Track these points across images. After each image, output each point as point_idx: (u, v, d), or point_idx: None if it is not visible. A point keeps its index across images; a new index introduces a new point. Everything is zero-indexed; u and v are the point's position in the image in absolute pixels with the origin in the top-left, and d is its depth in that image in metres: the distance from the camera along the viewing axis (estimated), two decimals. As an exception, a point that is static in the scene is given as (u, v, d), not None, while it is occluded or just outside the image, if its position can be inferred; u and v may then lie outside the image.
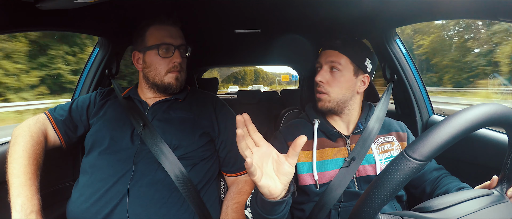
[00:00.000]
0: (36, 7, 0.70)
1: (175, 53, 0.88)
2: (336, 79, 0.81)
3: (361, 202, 0.42)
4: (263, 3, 1.08)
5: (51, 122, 0.86)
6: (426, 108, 1.11)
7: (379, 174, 0.41)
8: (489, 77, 7.70)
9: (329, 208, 0.73)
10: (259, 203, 0.59)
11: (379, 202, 0.40)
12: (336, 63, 0.80)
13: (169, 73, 0.88)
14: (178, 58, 0.88)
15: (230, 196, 0.87)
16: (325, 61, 0.82)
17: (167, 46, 0.88)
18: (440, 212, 0.44)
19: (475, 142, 0.87)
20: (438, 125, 0.40)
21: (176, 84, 0.89)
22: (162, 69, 0.88)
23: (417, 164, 0.38)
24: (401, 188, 0.39)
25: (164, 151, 0.79)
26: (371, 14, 1.07)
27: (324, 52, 0.84)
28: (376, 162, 0.78)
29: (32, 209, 0.67)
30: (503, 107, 0.42)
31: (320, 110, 0.84)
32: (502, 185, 0.52)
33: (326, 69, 0.82)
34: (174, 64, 0.88)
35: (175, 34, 0.90)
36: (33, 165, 0.73)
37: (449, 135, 0.39)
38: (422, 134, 0.40)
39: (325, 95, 0.81)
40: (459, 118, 0.40)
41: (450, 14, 0.84)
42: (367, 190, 0.42)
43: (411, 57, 1.14)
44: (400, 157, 0.40)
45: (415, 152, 0.39)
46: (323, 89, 0.81)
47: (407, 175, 0.39)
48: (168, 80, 0.88)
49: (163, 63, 0.88)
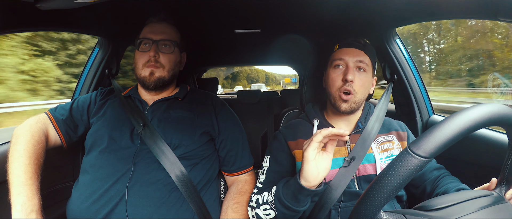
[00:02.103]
0: (36, 7, 0.70)
1: (152, 47, 0.88)
2: (362, 80, 0.79)
3: (363, 199, 0.42)
4: (263, 3, 1.08)
5: (52, 122, 0.86)
6: (426, 108, 1.11)
7: (383, 171, 0.41)
8: (489, 77, 7.65)
9: (329, 208, 0.73)
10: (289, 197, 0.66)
11: (382, 199, 0.40)
12: (363, 64, 0.79)
13: (145, 67, 0.88)
14: (152, 52, 0.87)
15: (230, 196, 0.87)
16: (351, 60, 0.78)
17: (146, 41, 0.89)
18: (441, 211, 0.45)
19: (475, 142, 0.87)
20: (442, 123, 0.40)
21: (150, 79, 0.88)
22: (139, 63, 0.89)
23: (421, 160, 0.38)
24: (404, 185, 0.39)
25: (164, 150, 0.79)
26: (371, 14, 1.07)
27: (347, 49, 0.80)
28: (376, 161, 0.78)
29: (32, 208, 0.67)
30: (505, 107, 0.42)
31: (343, 112, 0.79)
32: (501, 187, 0.52)
33: (353, 68, 0.78)
34: (149, 58, 0.87)
35: (158, 30, 0.90)
36: (34, 165, 0.73)
37: (453, 132, 0.39)
38: (426, 131, 0.40)
39: (351, 96, 0.77)
40: (462, 117, 0.40)
41: (450, 14, 0.84)
42: (369, 186, 0.42)
43: (411, 57, 1.14)
44: (404, 153, 0.40)
45: (419, 149, 0.39)
46: (351, 88, 0.77)
47: (411, 171, 0.39)
48: (143, 73, 0.88)
49: (141, 57, 0.89)
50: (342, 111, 0.79)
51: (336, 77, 0.80)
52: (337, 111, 0.81)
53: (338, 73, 0.80)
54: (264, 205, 0.72)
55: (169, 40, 0.90)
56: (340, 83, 0.79)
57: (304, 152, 0.63)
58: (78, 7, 0.73)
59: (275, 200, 0.68)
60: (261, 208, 0.73)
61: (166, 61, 0.90)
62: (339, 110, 0.80)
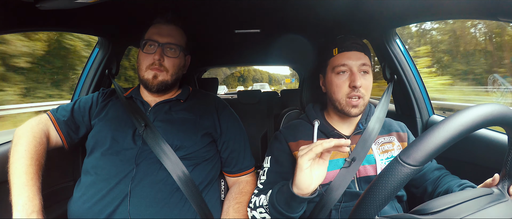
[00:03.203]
0: (36, 7, 0.70)
1: (157, 50, 0.86)
2: (368, 82, 0.77)
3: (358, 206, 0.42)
4: (263, 3, 1.08)
5: (53, 123, 0.86)
6: (426, 108, 1.11)
7: (374, 179, 0.41)
8: (489, 78, 7.60)
9: (330, 208, 0.73)
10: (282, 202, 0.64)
11: (375, 206, 0.40)
12: (366, 66, 0.77)
13: (149, 69, 0.87)
14: (157, 55, 0.86)
15: (232, 196, 0.87)
16: (355, 64, 0.76)
17: (152, 43, 0.87)
18: (439, 214, 0.44)
19: (475, 142, 0.87)
20: (433, 129, 0.39)
21: (153, 82, 0.87)
22: (143, 65, 0.88)
23: (411, 169, 0.38)
24: (397, 193, 0.39)
25: (166, 151, 0.79)
26: (371, 14, 1.07)
27: (348, 53, 0.77)
28: (377, 163, 0.78)
29: (33, 209, 0.67)
30: (502, 107, 0.42)
31: (353, 116, 0.78)
32: (503, 183, 0.51)
33: (358, 73, 0.76)
34: (154, 61, 0.86)
35: (165, 32, 0.89)
36: (35, 166, 0.73)
37: (444, 139, 0.38)
38: (416, 139, 0.40)
39: (361, 100, 0.76)
40: (454, 121, 0.39)
41: (450, 14, 0.84)
42: (363, 194, 0.42)
43: (411, 57, 1.14)
44: (394, 162, 0.40)
45: (409, 158, 0.39)
46: (360, 94, 0.75)
47: (401, 180, 0.38)
48: (147, 76, 0.87)
49: (145, 59, 0.87)
50: (352, 115, 0.78)
51: (342, 84, 0.77)
52: (346, 116, 0.79)
53: (343, 79, 0.77)
54: (260, 208, 0.72)
55: (175, 44, 0.89)
56: (348, 89, 0.76)
57: (298, 159, 0.60)
58: (78, 7, 0.73)
59: (269, 205, 0.68)
60: (257, 210, 0.73)
61: (171, 65, 0.89)
62: (349, 115, 0.78)
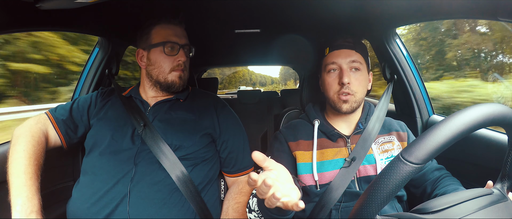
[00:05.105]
0: (36, 7, 0.70)
1: (179, 52, 0.89)
2: (358, 79, 0.79)
3: (359, 204, 0.42)
4: (263, 3, 1.08)
5: (52, 122, 0.86)
6: (426, 108, 1.11)
7: (376, 178, 0.41)
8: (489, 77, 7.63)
9: (330, 208, 0.73)
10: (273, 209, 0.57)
11: (376, 204, 0.40)
12: (356, 63, 0.79)
13: (173, 71, 0.89)
14: (183, 57, 0.89)
15: (231, 196, 0.87)
16: (344, 62, 0.79)
17: (172, 45, 0.88)
18: (439, 213, 0.44)
19: (475, 142, 0.87)
20: (435, 128, 0.40)
21: (179, 82, 0.90)
22: (166, 67, 0.88)
23: (413, 167, 0.38)
24: (398, 191, 0.39)
25: (164, 151, 0.79)
26: (371, 14, 1.07)
27: (339, 51, 0.81)
28: (377, 162, 0.78)
29: (32, 209, 0.67)
30: (502, 107, 0.42)
31: (345, 112, 0.80)
32: (503, 183, 0.51)
33: (348, 70, 0.79)
34: (179, 63, 0.89)
35: (180, 34, 0.91)
36: (34, 165, 0.73)
37: (446, 137, 0.39)
38: (418, 137, 0.40)
39: (351, 96, 0.78)
40: (456, 120, 0.39)
41: (450, 14, 0.84)
42: (364, 193, 0.42)
43: (411, 57, 1.14)
44: (396, 160, 0.40)
45: (411, 156, 0.39)
46: (349, 90, 0.78)
47: (403, 178, 0.39)
48: (171, 78, 0.89)
49: (167, 61, 0.88)
50: (344, 111, 0.79)
51: (332, 82, 0.80)
52: (338, 112, 0.81)
53: (333, 77, 0.80)
54: (254, 212, 0.72)
55: (189, 45, 0.94)
56: (337, 87, 0.79)
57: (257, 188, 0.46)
58: (78, 7, 0.73)
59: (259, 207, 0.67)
60: (252, 213, 0.73)
61: (188, 65, 0.94)
62: (341, 111, 0.80)
